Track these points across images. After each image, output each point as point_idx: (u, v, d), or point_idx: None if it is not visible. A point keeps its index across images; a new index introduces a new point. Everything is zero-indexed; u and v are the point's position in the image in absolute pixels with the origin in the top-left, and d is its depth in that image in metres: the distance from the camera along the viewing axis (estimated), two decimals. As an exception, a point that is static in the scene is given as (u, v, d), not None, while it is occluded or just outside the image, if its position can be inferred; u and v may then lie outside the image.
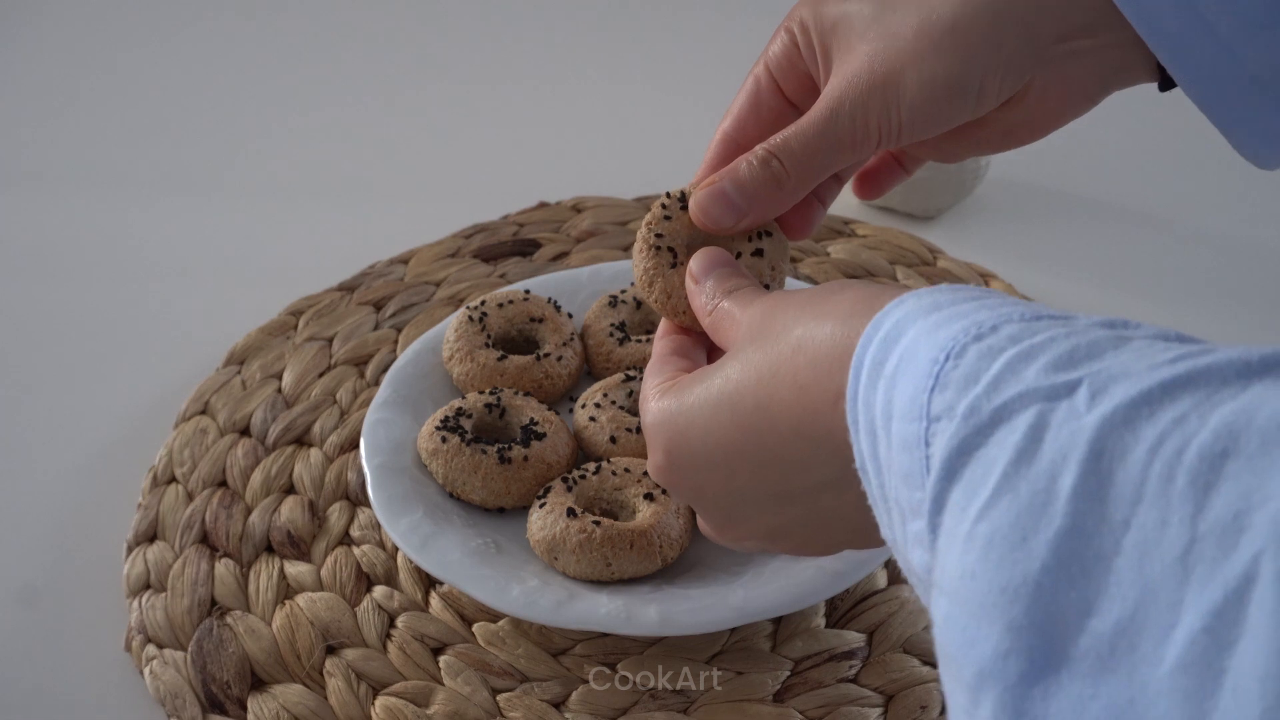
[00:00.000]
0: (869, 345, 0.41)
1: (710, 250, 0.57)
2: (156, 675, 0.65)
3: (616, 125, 1.08)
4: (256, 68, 1.17)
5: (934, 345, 0.38)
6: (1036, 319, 0.38)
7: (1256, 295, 0.90)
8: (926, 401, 0.38)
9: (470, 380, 0.75)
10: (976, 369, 0.37)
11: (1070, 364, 0.35)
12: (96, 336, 0.88)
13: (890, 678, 0.64)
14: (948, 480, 0.36)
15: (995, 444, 0.35)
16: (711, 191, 0.57)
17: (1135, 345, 0.36)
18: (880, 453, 0.40)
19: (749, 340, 0.49)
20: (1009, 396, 0.36)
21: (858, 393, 0.41)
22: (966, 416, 0.36)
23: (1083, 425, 0.34)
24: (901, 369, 0.39)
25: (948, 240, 0.93)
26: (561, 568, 0.66)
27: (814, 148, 0.55)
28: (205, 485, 0.74)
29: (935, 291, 0.42)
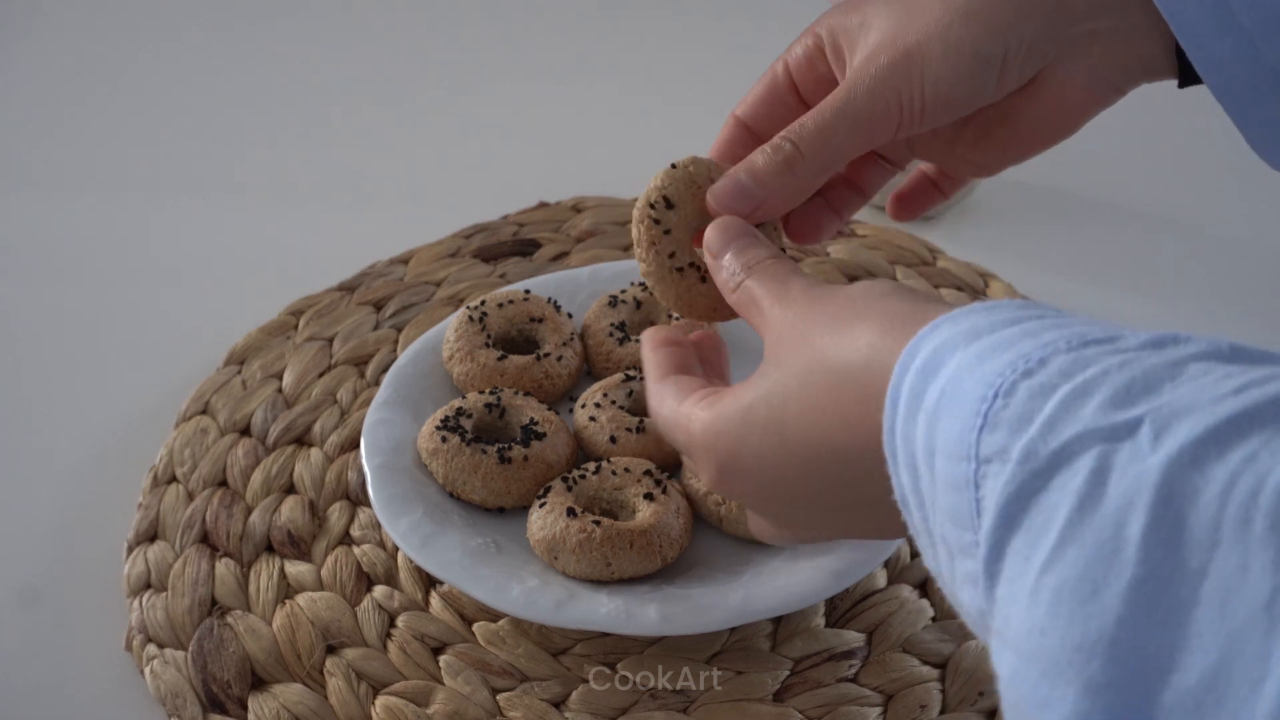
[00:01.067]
0: (905, 375, 0.40)
1: (724, 221, 0.55)
2: (157, 675, 0.65)
3: (616, 125, 1.08)
4: (257, 68, 1.17)
5: (980, 381, 0.37)
6: (1084, 345, 0.36)
7: (1257, 295, 0.90)
8: (975, 442, 0.36)
9: (470, 380, 0.75)
10: (1029, 409, 0.35)
11: (1128, 400, 0.34)
12: (96, 336, 0.88)
13: (890, 677, 0.65)
14: (1006, 528, 0.34)
15: (1056, 489, 0.34)
16: (726, 182, 0.56)
17: (1191, 372, 0.34)
18: (923, 488, 0.39)
19: (782, 360, 0.48)
20: (1067, 438, 0.34)
21: (895, 425, 0.40)
22: (1023, 460, 0.34)
23: (1148, 467, 0.32)
24: (945, 405, 0.38)
25: (948, 240, 0.93)
26: (561, 567, 0.66)
27: (829, 126, 0.54)
28: (206, 485, 0.74)
29: (971, 313, 0.40)
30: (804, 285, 0.50)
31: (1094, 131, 1.10)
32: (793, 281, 0.51)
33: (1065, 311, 0.40)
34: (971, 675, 0.64)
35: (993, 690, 0.64)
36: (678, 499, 0.67)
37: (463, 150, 1.06)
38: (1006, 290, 0.87)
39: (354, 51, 1.19)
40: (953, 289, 0.87)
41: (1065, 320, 0.38)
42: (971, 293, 0.87)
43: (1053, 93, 0.55)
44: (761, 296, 0.51)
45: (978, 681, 0.64)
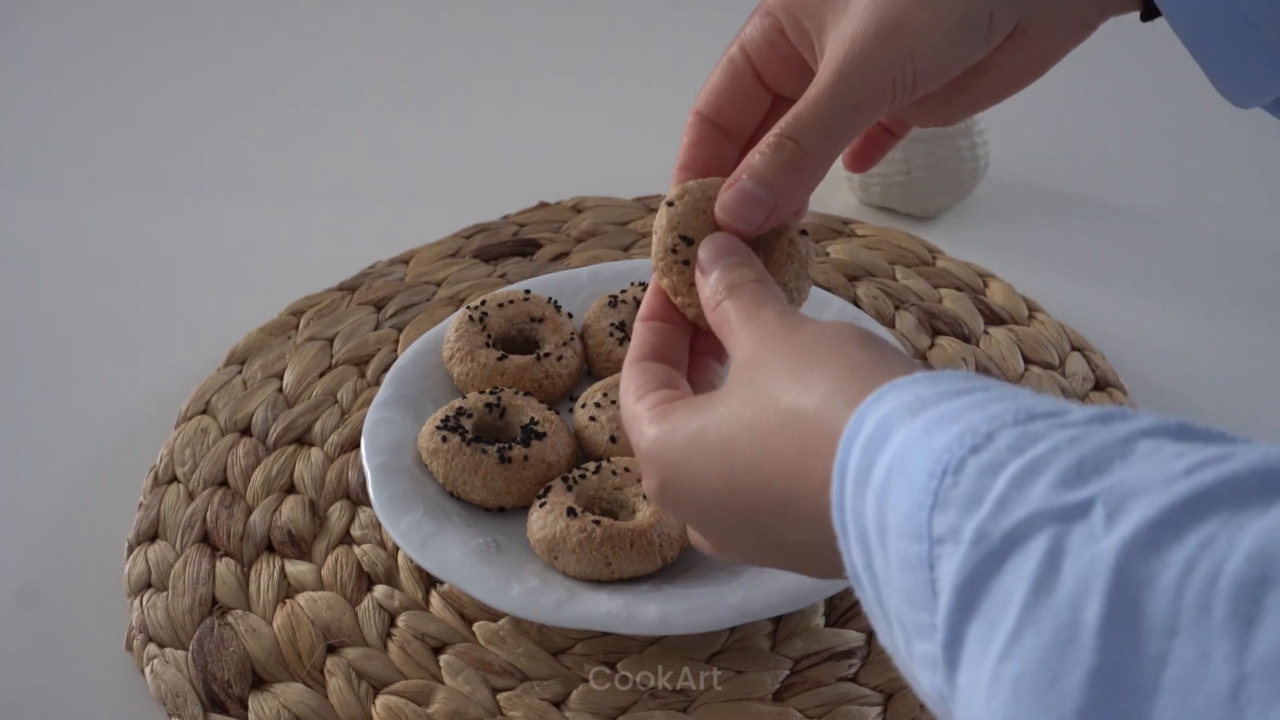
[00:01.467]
0: (851, 449, 0.39)
1: (720, 236, 0.54)
2: (157, 674, 0.65)
3: (616, 125, 1.08)
4: (257, 68, 1.17)
5: (927, 457, 0.36)
6: (1030, 419, 0.35)
7: (1256, 295, 0.90)
8: (927, 521, 0.35)
9: (470, 380, 0.75)
10: (978, 487, 0.34)
11: (1079, 479, 0.33)
12: (97, 336, 0.88)
13: (889, 677, 0.65)
14: (963, 612, 0.34)
15: (1010, 573, 0.33)
16: (734, 193, 0.54)
17: (1141, 450, 0.34)
18: (876, 565, 0.38)
19: (741, 387, 0.47)
20: (1019, 519, 0.33)
21: (845, 501, 0.39)
22: (975, 542, 0.34)
23: (1102, 550, 0.32)
24: (893, 481, 0.37)
25: (947, 240, 0.93)
26: (561, 567, 0.66)
27: (828, 116, 0.52)
28: (206, 485, 0.74)
29: (915, 383, 0.39)
30: (777, 313, 0.49)
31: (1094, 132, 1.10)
32: (767, 307, 0.50)
33: (1011, 385, 0.39)
34: (971, 675, 0.64)
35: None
36: (678, 499, 0.67)
37: (463, 150, 1.06)
38: (1006, 290, 0.87)
39: (354, 51, 1.19)
40: (952, 289, 0.87)
41: (1011, 392, 0.38)
42: (971, 292, 0.87)
43: (1028, 39, 0.54)
44: (734, 318, 0.50)
45: (978, 681, 0.64)
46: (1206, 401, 0.80)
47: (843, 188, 0.97)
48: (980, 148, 0.93)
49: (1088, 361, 0.82)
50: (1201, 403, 0.80)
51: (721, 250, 0.54)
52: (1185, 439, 0.34)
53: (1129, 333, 0.86)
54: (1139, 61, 1.05)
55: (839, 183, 0.98)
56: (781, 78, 0.57)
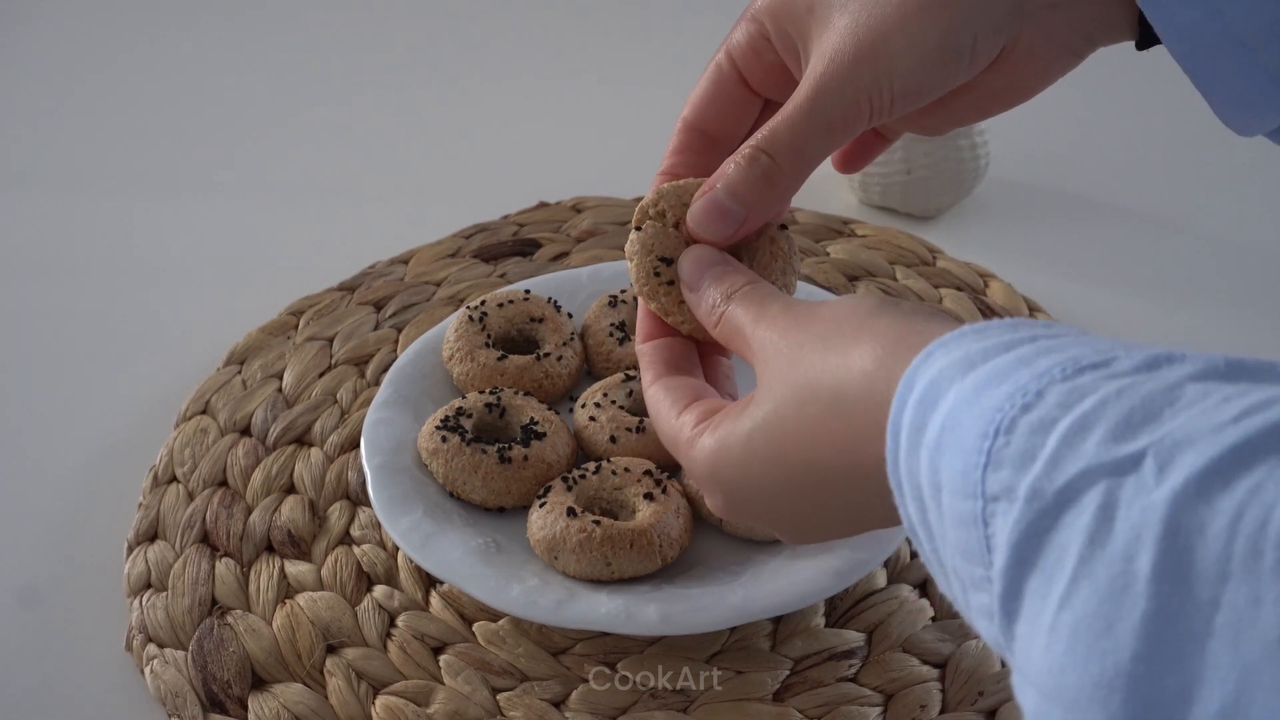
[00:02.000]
0: (904, 408, 0.40)
1: (695, 251, 0.55)
2: (157, 674, 0.65)
3: (616, 125, 1.08)
4: (256, 68, 1.17)
5: (979, 417, 0.37)
6: (1079, 372, 0.36)
7: (1256, 295, 0.90)
8: (980, 480, 0.36)
9: (470, 380, 0.75)
10: (1031, 445, 0.35)
11: (1129, 431, 0.34)
12: (97, 336, 0.88)
13: (890, 677, 0.65)
14: (1021, 566, 0.35)
15: (1065, 527, 0.34)
16: (705, 204, 0.54)
17: (1189, 395, 0.34)
18: (930, 520, 0.39)
19: (777, 383, 0.47)
20: (1071, 475, 0.34)
21: (899, 459, 0.40)
22: (1030, 499, 0.35)
23: (1153, 501, 0.32)
24: (946, 440, 0.38)
25: (947, 240, 0.93)
26: (561, 567, 0.66)
27: (803, 134, 0.53)
28: (206, 485, 0.74)
29: (962, 337, 0.40)
30: (784, 305, 0.50)
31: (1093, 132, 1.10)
32: (771, 303, 0.50)
33: (1058, 327, 0.40)
34: (971, 675, 0.64)
35: (992, 690, 0.64)
36: (677, 499, 0.68)
37: (463, 150, 1.06)
38: (1006, 290, 0.87)
39: (354, 51, 1.19)
40: (953, 289, 0.87)
41: (1059, 342, 0.38)
42: (971, 292, 0.87)
43: (1015, 64, 0.54)
44: (744, 322, 0.51)
45: (977, 681, 0.64)
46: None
47: (843, 188, 0.97)
48: (980, 148, 0.93)
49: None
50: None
51: (702, 263, 0.54)
52: (1234, 378, 0.35)
53: (1129, 333, 0.86)
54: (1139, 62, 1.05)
55: (839, 183, 0.98)
56: (768, 83, 0.57)
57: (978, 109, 0.57)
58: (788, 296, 0.51)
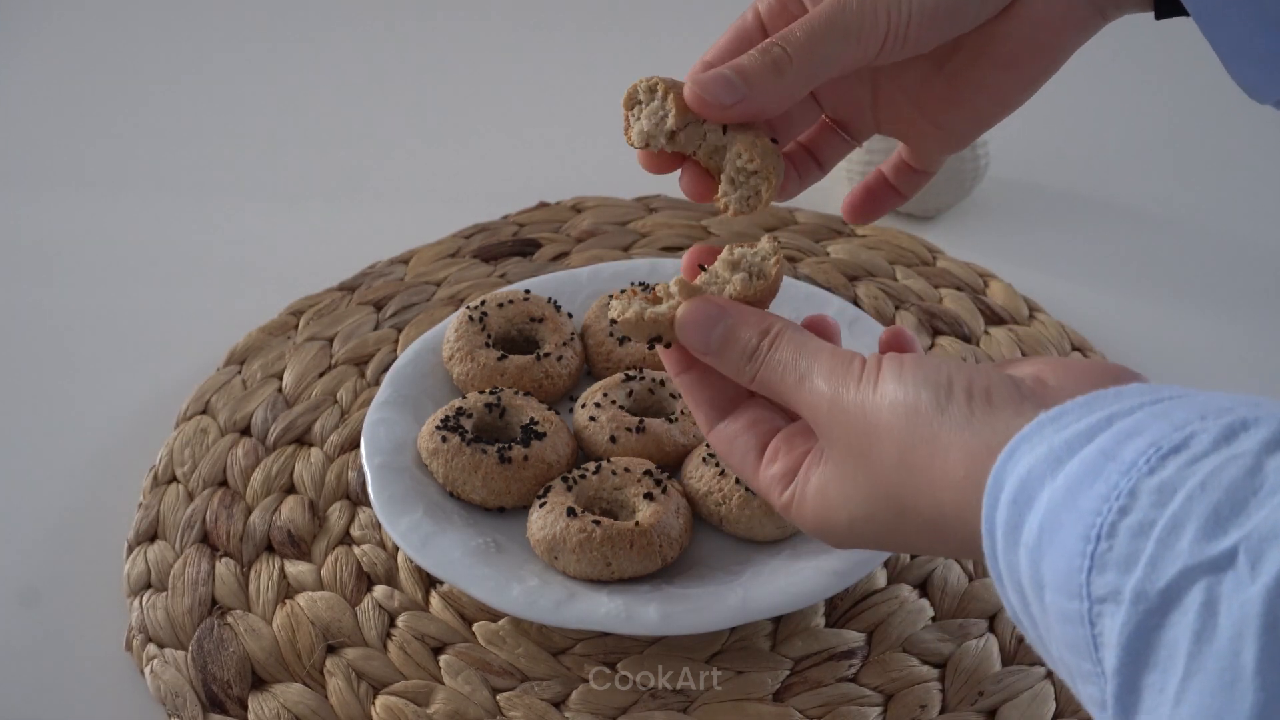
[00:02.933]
0: (996, 507, 0.41)
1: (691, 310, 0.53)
2: (157, 675, 0.65)
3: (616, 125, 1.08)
4: (257, 68, 1.17)
5: (1078, 520, 0.38)
6: (1162, 461, 0.38)
7: (1257, 295, 0.90)
8: (1085, 582, 0.38)
9: (470, 380, 0.75)
10: (1132, 550, 0.37)
11: (1219, 528, 0.36)
12: (97, 336, 0.88)
13: (890, 677, 0.65)
14: (1135, 665, 0.36)
15: (1173, 626, 0.36)
16: (710, 74, 0.54)
17: (1271, 481, 0.36)
18: (1034, 612, 0.41)
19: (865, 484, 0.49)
20: (1172, 576, 0.36)
21: (997, 554, 0.42)
22: (1135, 601, 0.36)
23: (1250, 597, 0.34)
24: (1046, 541, 0.39)
25: (947, 240, 0.93)
26: (561, 567, 0.66)
27: (819, 34, 0.53)
28: (206, 485, 0.74)
29: (1041, 429, 0.41)
30: (828, 381, 0.50)
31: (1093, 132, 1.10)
32: (813, 374, 0.51)
33: (1128, 397, 0.41)
34: (971, 675, 0.64)
35: (992, 690, 0.64)
36: (678, 499, 0.67)
37: (463, 150, 1.06)
38: (1006, 290, 0.87)
39: (354, 52, 1.19)
40: (952, 289, 0.87)
41: (1135, 421, 0.40)
42: (971, 292, 0.87)
43: (1031, 20, 0.55)
44: (787, 392, 0.51)
45: (977, 681, 0.64)
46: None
47: (843, 188, 0.97)
48: (980, 148, 0.93)
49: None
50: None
51: (704, 325, 0.53)
52: None
53: (1129, 333, 0.86)
54: (1139, 62, 1.05)
55: (839, 183, 0.98)
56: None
57: (991, 94, 0.57)
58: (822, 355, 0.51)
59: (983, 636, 0.66)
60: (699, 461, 0.70)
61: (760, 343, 0.52)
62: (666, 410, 0.74)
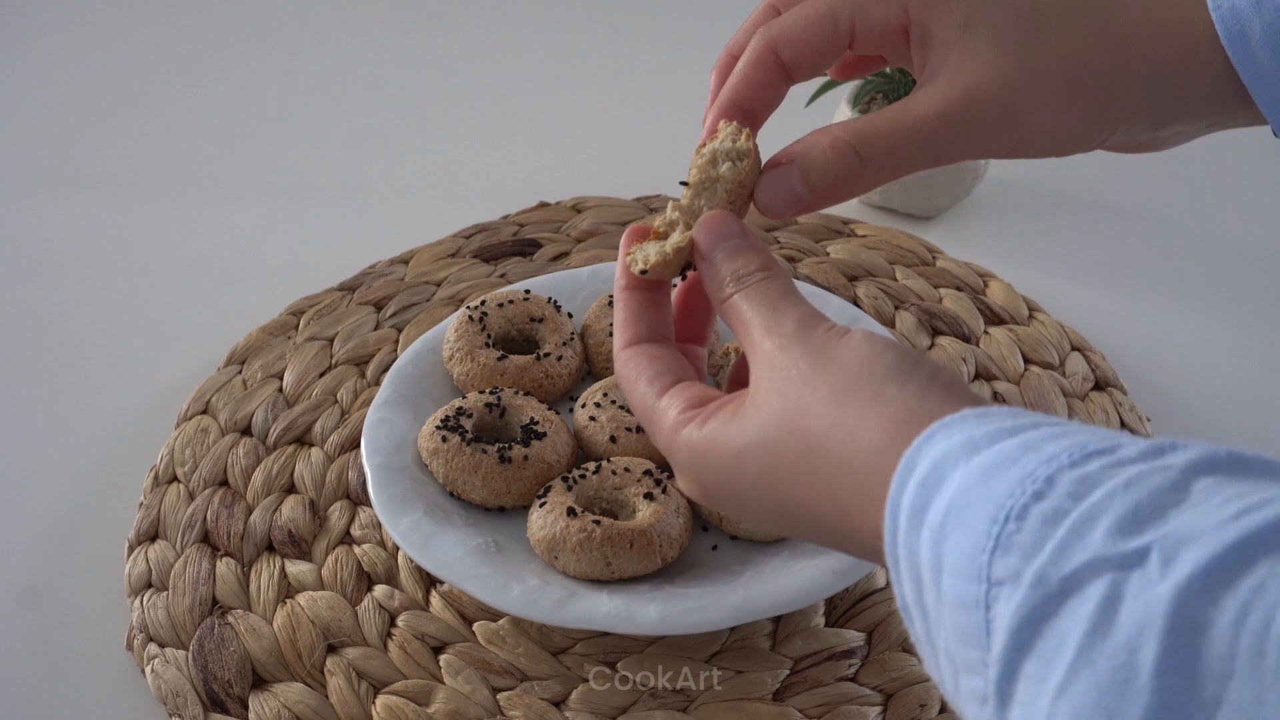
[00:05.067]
0: (904, 488, 0.40)
1: (713, 218, 0.52)
2: (158, 674, 0.65)
3: (616, 125, 1.08)
4: (257, 68, 1.17)
5: (988, 501, 0.37)
6: (1086, 459, 0.36)
7: (1256, 295, 0.90)
8: (987, 564, 0.36)
9: (470, 380, 0.75)
10: (1041, 535, 0.35)
11: (1136, 526, 0.34)
12: (97, 336, 0.88)
13: (889, 676, 0.65)
14: (1019, 650, 0.35)
15: (1068, 615, 0.34)
16: (780, 188, 0.52)
17: (1194, 495, 0.35)
18: (927, 601, 0.39)
19: (778, 413, 0.46)
20: (1078, 564, 0.34)
21: (897, 537, 0.40)
22: (1034, 585, 0.35)
23: (1158, 596, 0.33)
24: (952, 522, 0.38)
25: (947, 240, 0.93)
26: (561, 567, 0.66)
27: (907, 153, 0.51)
28: (206, 485, 0.74)
29: (964, 421, 0.40)
30: (798, 321, 0.48)
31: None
32: (786, 312, 0.49)
33: (1055, 418, 0.40)
34: (971, 675, 0.64)
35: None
36: (677, 499, 0.68)
37: (463, 150, 1.06)
38: (1006, 290, 0.87)
39: (354, 51, 1.19)
40: (952, 289, 0.87)
41: (1063, 429, 0.38)
42: (971, 292, 0.87)
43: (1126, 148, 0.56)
44: (752, 322, 0.49)
45: (977, 681, 0.64)
46: (1205, 402, 0.80)
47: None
48: (980, 148, 0.93)
49: (1087, 361, 0.82)
50: (1200, 403, 0.80)
51: (719, 232, 0.52)
52: (1234, 471, 0.35)
53: (1129, 333, 0.86)
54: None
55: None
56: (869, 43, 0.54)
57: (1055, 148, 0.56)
58: (803, 305, 0.49)
59: (982, 636, 0.66)
60: (699, 461, 0.70)
61: (755, 271, 0.50)
62: (666, 410, 0.74)
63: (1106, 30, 0.52)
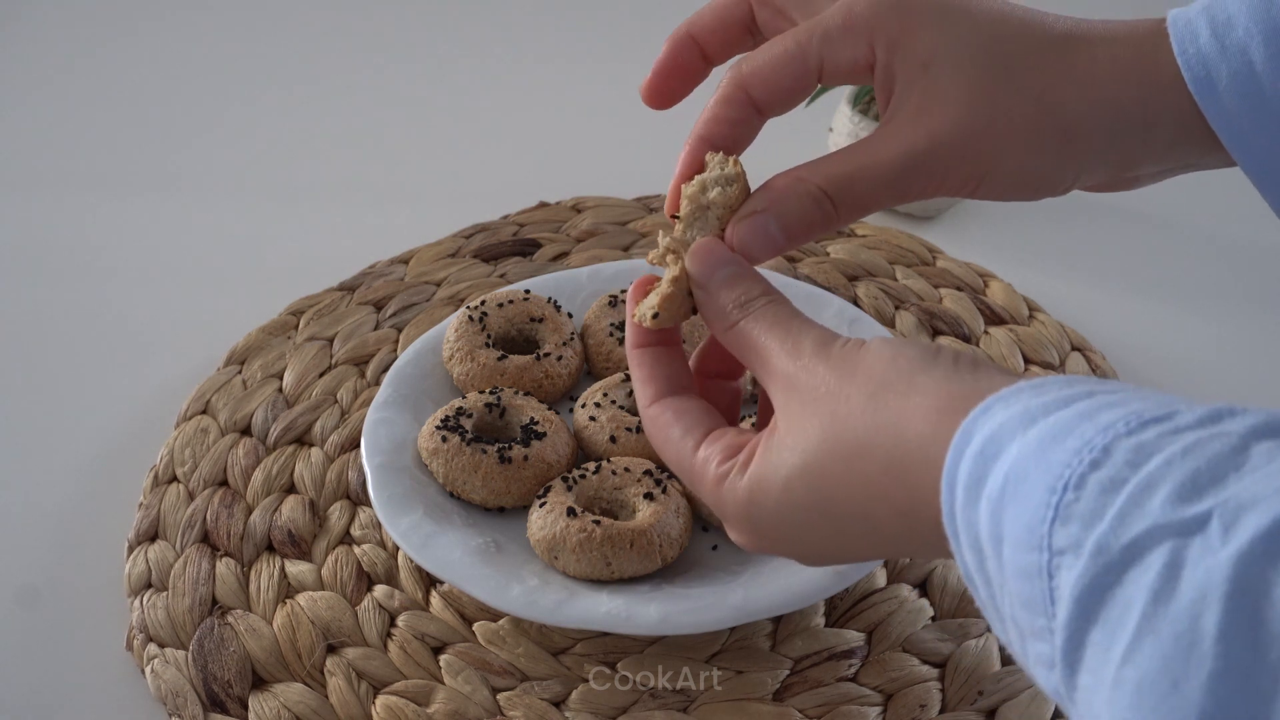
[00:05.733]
0: (960, 459, 0.40)
1: (704, 245, 0.53)
2: (158, 674, 0.65)
3: (616, 125, 1.08)
4: (257, 68, 1.17)
5: (1047, 471, 0.37)
6: (1143, 426, 0.37)
7: (1256, 295, 0.90)
8: (1047, 534, 0.37)
9: (470, 380, 0.75)
10: (1100, 504, 0.36)
11: (1195, 492, 0.35)
12: (97, 336, 0.88)
13: (889, 676, 0.65)
14: (1084, 619, 0.35)
15: (1130, 583, 0.35)
16: (753, 226, 0.52)
17: (1254, 460, 0.35)
18: (989, 569, 0.39)
19: (815, 432, 0.46)
20: (1138, 533, 0.35)
21: (955, 509, 0.40)
22: (1095, 554, 0.35)
23: (1219, 561, 0.33)
24: (1010, 492, 0.38)
25: (947, 240, 0.93)
26: (561, 567, 0.66)
27: (875, 196, 0.52)
28: (206, 485, 0.74)
29: (1020, 393, 0.40)
30: (816, 341, 0.48)
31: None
32: (801, 333, 0.49)
33: (1113, 383, 0.40)
34: (971, 674, 0.64)
35: (992, 689, 0.64)
36: (677, 499, 0.68)
37: (463, 150, 1.06)
38: (1006, 290, 0.87)
39: (354, 52, 1.19)
40: (953, 289, 0.87)
41: (1118, 397, 0.39)
42: (971, 292, 0.87)
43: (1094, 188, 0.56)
44: (768, 348, 0.49)
45: (977, 681, 0.64)
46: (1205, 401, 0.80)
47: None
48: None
49: (1088, 361, 0.82)
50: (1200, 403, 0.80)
51: (712, 260, 0.52)
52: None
53: (1129, 333, 0.86)
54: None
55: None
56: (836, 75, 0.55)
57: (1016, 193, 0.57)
58: (814, 325, 0.49)
59: (982, 636, 0.66)
60: (699, 461, 0.70)
61: (758, 297, 0.51)
62: (666, 410, 0.74)
63: (1069, 71, 0.52)
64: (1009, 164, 0.52)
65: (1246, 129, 0.51)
